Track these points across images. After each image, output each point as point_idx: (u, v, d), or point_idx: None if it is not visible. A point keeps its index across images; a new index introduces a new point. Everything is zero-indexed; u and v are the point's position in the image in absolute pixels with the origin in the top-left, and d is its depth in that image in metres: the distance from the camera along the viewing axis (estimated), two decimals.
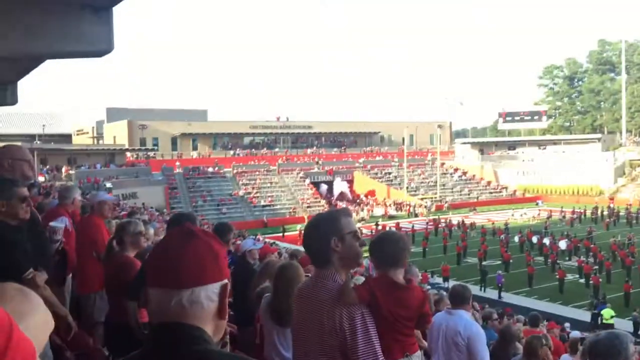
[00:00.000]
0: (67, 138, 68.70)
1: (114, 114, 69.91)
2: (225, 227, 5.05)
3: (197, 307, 1.31)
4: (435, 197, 59.38)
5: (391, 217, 51.62)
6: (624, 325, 19.51)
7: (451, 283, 23.19)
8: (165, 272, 1.32)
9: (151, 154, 62.78)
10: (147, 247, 4.27)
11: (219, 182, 57.77)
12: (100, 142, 69.79)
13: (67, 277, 4.85)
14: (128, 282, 3.79)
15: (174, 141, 68.42)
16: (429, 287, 19.81)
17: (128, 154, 59.82)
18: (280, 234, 42.33)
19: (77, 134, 76.75)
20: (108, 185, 42.72)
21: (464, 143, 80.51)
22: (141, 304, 3.58)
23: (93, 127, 75.41)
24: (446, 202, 58.85)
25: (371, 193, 61.74)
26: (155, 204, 44.11)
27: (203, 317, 1.32)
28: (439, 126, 76.19)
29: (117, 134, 66.33)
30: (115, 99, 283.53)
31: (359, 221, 48.89)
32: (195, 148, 69.20)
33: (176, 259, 1.32)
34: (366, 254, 2.61)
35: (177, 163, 59.76)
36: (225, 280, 1.38)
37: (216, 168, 59.60)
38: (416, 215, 52.82)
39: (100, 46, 6.04)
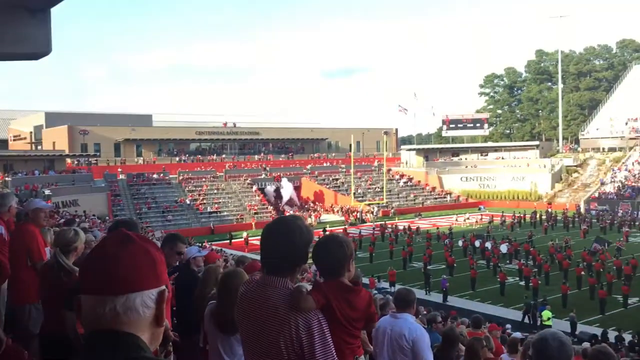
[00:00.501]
0: (3, 144, 65.89)
1: (53, 119, 67.44)
2: (175, 236, 4.93)
3: (132, 314, 1.27)
4: (382, 203, 60.14)
5: (352, 224, 51.64)
6: (562, 326, 20.28)
7: (397, 287, 23.51)
8: (98, 277, 1.28)
9: (93, 160, 60.95)
10: (85, 255, 4.13)
11: (164, 188, 56.67)
12: (39, 147, 67.20)
13: (0, 287, 4.64)
14: (65, 291, 3.65)
15: (117, 147, 66.67)
16: (375, 291, 20.03)
17: (68, 160, 57.87)
18: (227, 241, 41.92)
19: (14, 140, 73.77)
20: (47, 192, 41.20)
21: (410, 149, 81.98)
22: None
23: (31, 133, 72.45)
24: (392, 207, 59.70)
25: (319, 199, 61.98)
26: (98, 212, 42.86)
27: (139, 325, 1.28)
28: (385, 133, 77.36)
29: (56, 140, 64.11)
30: (54, 103, 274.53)
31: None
32: (139, 154, 67.65)
33: (110, 264, 1.28)
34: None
35: (119, 170, 58.30)
36: (163, 287, 1.34)
37: (161, 174, 58.45)
38: (363, 221, 53.34)
39: (38, 48, 5.82)
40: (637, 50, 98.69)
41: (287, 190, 60.23)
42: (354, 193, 60.22)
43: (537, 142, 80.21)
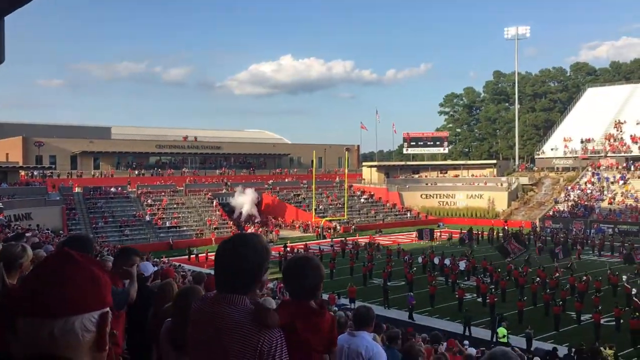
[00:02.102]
0: None
1: (6, 130, 65.48)
2: (128, 251, 4.79)
3: (71, 337, 1.21)
4: (343, 219, 60.34)
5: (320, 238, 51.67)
6: (518, 341, 20.63)
7: (358, 304, 23.53)
8: (36, 299, 1.22)
9: (48, 172, 59.33)
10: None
11: (121, 202, 55.53)
12: None
13: None
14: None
15: (73, 159, 65.14)
16: (336, 308, 19.99)
17: (22, 172, 56.16)
18: (186, 256, 41.29)
19: None
20: None
21: (371, 166, 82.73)
22: None
23: None
24: (353, 224, 59.95)
25: (280, 214, 61.80)
26: (52, 226, 41.65)
27: (78, 349, 1.23)
28: (347, 149, 77.95)
29: (9, 151, 62.23)
30: (7, 113, 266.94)
31: (268, 243, 48.66)
32: (97, 167, 66.22)
33: (48, 285, 1.22)
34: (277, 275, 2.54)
35: (71, 182, 56.82)
36: (106, 309, 1.29)
37: (119, 188, 57.30)
38: (324, 237, 53.37)
39: None
40: (590, 74, 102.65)
41: (248, 198, 59.85)
42: (316, 209, 60.28)
43: (494, 161, 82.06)
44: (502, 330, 20.54)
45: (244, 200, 59.93)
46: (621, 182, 62.08)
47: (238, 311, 2.13)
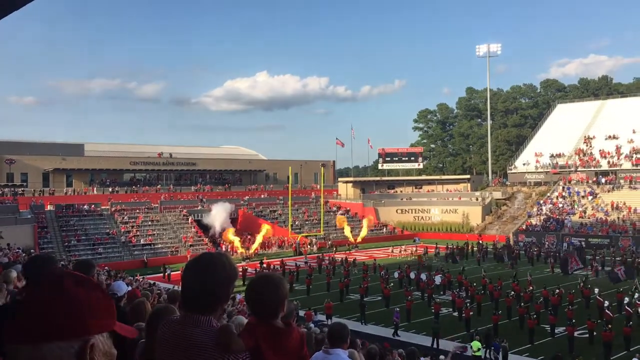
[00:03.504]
0: None
1: None
2: (85, 264, 4.69)
3: None
4: (319, 235, 60.29)
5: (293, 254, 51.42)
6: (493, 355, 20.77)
7: (335, 320, 23.47)
8: (16, 323, 1.20)
9: (19, 190, 58.19)
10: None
11: (95, 220, 54.69)
12: None
13: None
14: None
15: (45, 177, 64.06)
16: (312, 324, 19.89)
17: None
18: (161, 274, 40.70)
19: None
20: None
21: (347, 182, 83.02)
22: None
23: None
24: (329, 239, 59.93)
25: (256, 231, 61.46)
26: (23, 244, 40.74)
27: None
28: (323, 165, 78.11)
29: None
30: None
31: (244, 259, 48.37)
32: (69, 184, 65.19)
33: (26, 308, 1.20)
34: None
35: (42, 201, 55.70)
36: (89, 338, 1.24)
37: (92, 206, 56.45)
38: (300, 253, 53.22)
39: None
40: (560, 90, 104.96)
41: (220, 215, 59.31)
42: (292, 225, 60.14)
43: (468, 176, 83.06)
44: (475, 344, 20.67)
45: (215, 218, 59.18)
46: (590, 197, 63.33)
47: (202, 333, 2.10)
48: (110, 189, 64.92)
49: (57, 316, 1.20)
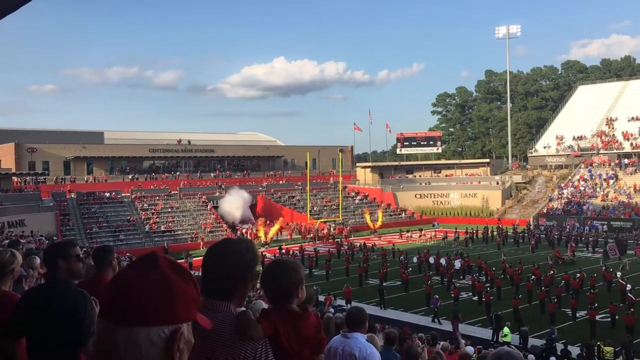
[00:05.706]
0: None
1: None
2: (104, 249, 4.72)
3: (132, 349, 1.16)
4: (338, 220, 60.33)
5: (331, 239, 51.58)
6: (513, 339, 20.72)
7: (354, 305, 23.53)
8: (109, 302, 1.20)
9: (41, 178, 59.06)
10: (22, 275, 3.93)
11: (115, 207, 55.36)
12: None
13: None
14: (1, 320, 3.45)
15: (66, 165, 64.92)
16: (332, 309, 19.99)
17: (15, 178, 55.89)
18: (183, 260, 40.99)
19: None
20: None
21: (365, 167, 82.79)
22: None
23: None
24: (348, 224, 59.95)
25: (275, 216, 61.66)
26: (46, 232, 41.40)
27: None
28: (341, 150, 77.93)
29: (2, 158, 61.93)
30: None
31: (263, 245, 48.65)
32: (90, 172, 65.99)
33: (120, 290, 1.19)
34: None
35: (63, 189, 56.40)
36: (181, 326, 1.23)
37: (113, 193, 57.11)
38: (320, 239, 53.35)
39: None
40: (581, 71, 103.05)
41: (237, 201, 59.59)
42: (310, 210, 60.25)
43: (487, 160, 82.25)
44: (506, 329, 20.73)
45: (231, 206, 59.28)
46: (612, 180, 62.40)
47: (220, 320, 2.09)
48: (130, 177, 65.59)
49: (155, 300, 1.19)
